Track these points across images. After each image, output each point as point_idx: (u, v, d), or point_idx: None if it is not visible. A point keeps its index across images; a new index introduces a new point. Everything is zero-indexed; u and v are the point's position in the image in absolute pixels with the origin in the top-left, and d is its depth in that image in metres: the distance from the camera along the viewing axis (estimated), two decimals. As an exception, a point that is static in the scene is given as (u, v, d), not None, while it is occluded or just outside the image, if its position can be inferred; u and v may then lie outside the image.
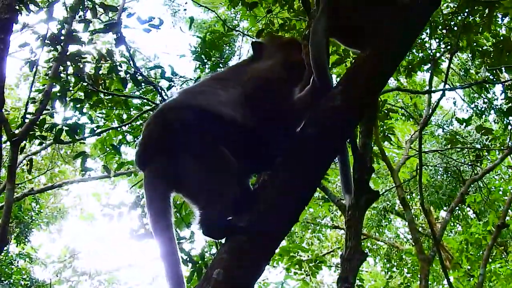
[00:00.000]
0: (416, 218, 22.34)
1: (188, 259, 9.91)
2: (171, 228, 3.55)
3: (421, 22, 4.04)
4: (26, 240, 20.84)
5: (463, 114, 21.15)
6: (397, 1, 3.85)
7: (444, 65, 13.55)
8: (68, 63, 9.97)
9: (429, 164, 20.77)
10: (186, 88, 4.27)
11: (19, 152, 9.67)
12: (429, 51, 12.56)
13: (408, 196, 21.14)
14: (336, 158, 4.34)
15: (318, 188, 9.55)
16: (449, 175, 21.34)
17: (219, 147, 3.53)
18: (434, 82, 16.22)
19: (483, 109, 18.21)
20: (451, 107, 22.27)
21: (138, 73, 10.37)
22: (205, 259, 10.11)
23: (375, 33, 3.84)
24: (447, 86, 12.87)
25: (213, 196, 3.51)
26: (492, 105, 17.59)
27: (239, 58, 15.67)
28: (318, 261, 13.84)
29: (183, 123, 3.58)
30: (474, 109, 18.66)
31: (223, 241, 3.48)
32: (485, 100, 17.66)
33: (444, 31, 12.18)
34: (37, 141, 11.34)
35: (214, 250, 10.90)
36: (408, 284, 20.33)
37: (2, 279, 19.09)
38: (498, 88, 15.76)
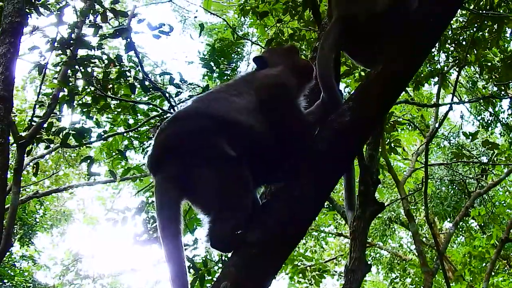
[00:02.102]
0: (420, 228, 22.32)
1: (191, 265, 9.91)
2: (180, 235, 3.51)
3: (433, 39, 4.04)
4: (30, 242, 20.86)
5: (470, 126, 21.13)
6: (409, 19, 3.85)
7: (452, 78, 13.58)
8: (77, 67, 9.97)
9: (434, 175, 20.77)
10: (201, 95, 4.23)
11: (25, 155, 9.67)
12: (438, 65, 12.57)
13: (413, 207, 21.12)
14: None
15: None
16: (454, 186, 21.32)
17: (234, 158, 3.49)
18: (442, 94, 16.21)
19: (489, 122, 18.21)
20: (457, 120, 22.31)
21: (147, 79, 10.38)
22: (208, 266, 10.11)
23: (386, 50, 3.84)
24: (454, 99, 12.88)
25: (225, 210, 3.48)
26: (498, 119, 17.60)
27: (248, 65, 15.70)
28: (321, 270, 13.84)
29: (199, 131, 3.56)
30: (481, 121, 18.67)
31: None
32: (492, 113, 17.68)
33: (453, 45, 12.20)
34: (42, 144, 11.34)
35: (216, 257, 10.89)
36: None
37: (5, 280, 19.09)
38: (505, 102, 15.77)
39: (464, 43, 11.98)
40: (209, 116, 3.62)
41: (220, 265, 10.22)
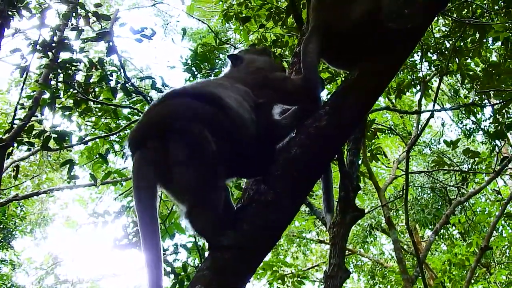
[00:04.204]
0: (401, 235, 22.38)
1: (170, 270, 9.87)
2: (155, 209, 3.47)
3: (409, 46, 4.06)
4: (9, 246, 20.73)
5: (452, 133, 21.20)
6: (386, 27, 3.87)
7: (434, 86, 13.65)
8: (59, 70, 9.94)
9: (415, 182, 20.84)
10: (198, 81, 4.26)
11: (6, 158, 9.63)
12: (420, 73, 12.64)
13: (394, 213, 21.19)
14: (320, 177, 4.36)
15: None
16: (435, 193, 21.40)
17: (214, 152, 3.48)
18: (423, 103, 16.31)
19: (471, 129, 18.31)
20: (439, 126, 22.40)
21: (129, 83, 10.35)
22: (188, 271, 10.08)
23: (363, 56, 3.86)
24: (436, 106, 12.94)
25: (198, 204, 3.48)
26: (480, 126, 17.69)
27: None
28: (301, 276, 13.84)
29: (188, 113, 3.56)
30: (463, 128, 18.76)
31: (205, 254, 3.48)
32: (474, 121, 17.77)
33: (435, 54, 12.27)
34: (24, 147, 11.29)
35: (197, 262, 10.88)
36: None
37: (-17, 285, 19.00)
38: (487, 110, 15.87)
39: (446, 52, 12.05)
40: (205, 96, 3.67)
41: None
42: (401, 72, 12.53)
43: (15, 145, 10.07)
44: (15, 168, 11.57)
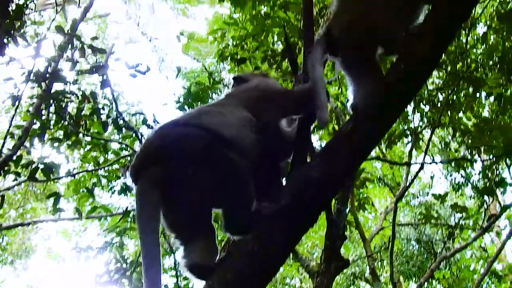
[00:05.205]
0: (385, 286, 22.22)
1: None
2: (157, 234, 3.48)
3: (404, 100, 4.02)
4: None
5: (440, 186, 21.19)
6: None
7: (426, 137, 13.67)
8: (51, 101, 9.91)
9: (401, 233, 20.78)
10: (189, 111, 4.28)
11: (-9, 186, 9.57)
12: (411, 124, 12.67)
13: (379, 263, 21.08)
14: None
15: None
16: (421, 245, 21.34)
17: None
18: (414, 154, 16.33)
19: (460, 183, 18.32)
20: (427, 177, 22.40)
21: (120, 118, 10.33)
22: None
23: (357, 110, 3.85)
24: (427, 158, 12.95)
25: (234, 200, 3.60)
26: (469, 181, 17.72)
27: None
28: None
29: (191, 135, 3.59)
30: (452, 182, 18.77)
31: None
32: (462, 175, 17.80)
33: (427, 106, 12.31)
34: (10, 177, 11.21)
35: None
36: None
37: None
38: (477, 165, 15.88)
39: (439, 104, 12.08)
40: (200, 127, 3.66)
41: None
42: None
43: (2, 174, 9.99)
44: (0, 198, 11.47)
